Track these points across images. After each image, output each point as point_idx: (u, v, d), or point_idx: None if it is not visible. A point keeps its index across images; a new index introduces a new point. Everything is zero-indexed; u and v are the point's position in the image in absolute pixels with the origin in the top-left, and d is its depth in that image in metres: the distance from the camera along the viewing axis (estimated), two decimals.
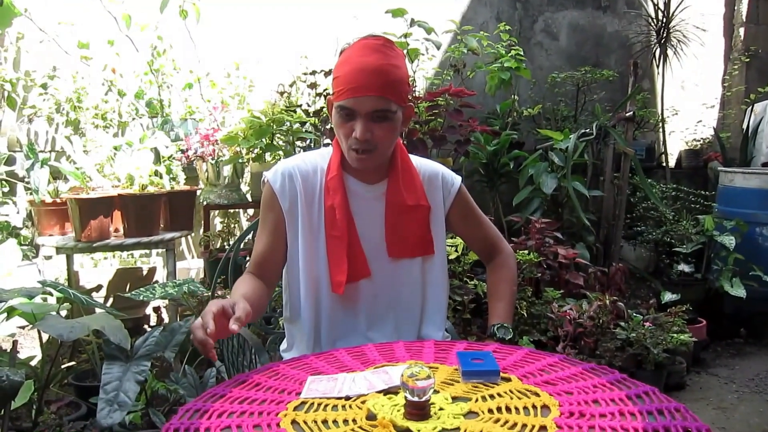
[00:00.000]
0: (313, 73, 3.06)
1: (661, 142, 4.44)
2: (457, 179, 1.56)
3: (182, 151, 2.93)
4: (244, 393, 1.07)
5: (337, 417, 0.96)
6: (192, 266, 3.49)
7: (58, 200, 2.69)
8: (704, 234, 3.51)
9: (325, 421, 0.95)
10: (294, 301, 1.49)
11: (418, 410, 0.94)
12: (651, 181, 3.78)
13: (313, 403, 1.02)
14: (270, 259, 1.45)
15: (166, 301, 3.21)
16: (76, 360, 2.81)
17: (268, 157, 2.92)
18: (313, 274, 1.45)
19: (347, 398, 1.02)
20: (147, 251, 3.53)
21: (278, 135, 2.91)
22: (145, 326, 3.30)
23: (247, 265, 1.45)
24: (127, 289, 2.98)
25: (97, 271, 3.45)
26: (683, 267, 3.48)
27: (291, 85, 3.15)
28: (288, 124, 2.83)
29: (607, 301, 2.75)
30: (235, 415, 0.97)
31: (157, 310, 3.31)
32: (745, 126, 4.44)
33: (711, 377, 3.01)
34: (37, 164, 2.60)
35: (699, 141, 4.81)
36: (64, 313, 2.59)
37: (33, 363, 2.42)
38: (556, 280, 3.02)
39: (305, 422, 0.94)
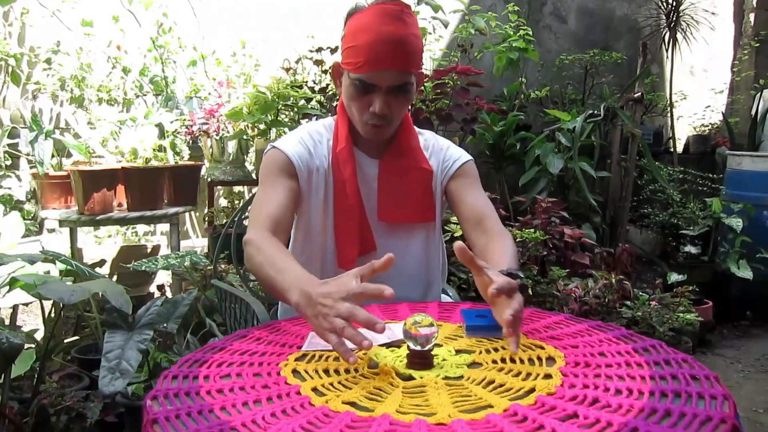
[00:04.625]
0: (319, 50, 3.04)
1: (669, 127, 4.40)
2: (466, 156, 1.48)
3: (186, 127, 2.91)
4: (244, 346, 1.06)
5: (338, 366, 0.94)
6: (197, 245, 3.48)
7: (62, 173, 2.68)
8: (711, 217, 3.48)
9: (326, 370, 0.93)
10: None
11: (421, 359, 0.92)
12: (658, 164, 3.74)
13: (314, 355, 1.00)
14: (284, 221, 1.30)
15: (170, 279, 3.21)
16: (80, 335, 2.82)
17: (273, 133, 2.90)
18: (321, 248, 1.42)
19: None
20: (151, 229, 3.52)
21: (283, 111, 2.89)
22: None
23: (252, 221, 1.29)
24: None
25: (101, 248, 3.45)
26: (690, 249, 3.45)
27: (297, 62, 3.12)
28: (293, 99, 2.80)
29: (613, 280, 2.73)
30: (235, 365, 0.96)
31: (161, 288, 3.31)
32: (753, 111, 4.39)
33: (717, 357, 2.99)
34: (41, 136, 2.59)
35: (707, 126, 4.77)
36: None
37: (36, 336, 2.42)
38: (561, 259, 2.99)
39: (306, 371, 0.93)
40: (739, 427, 0.71)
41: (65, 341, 2.67)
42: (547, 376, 0.87)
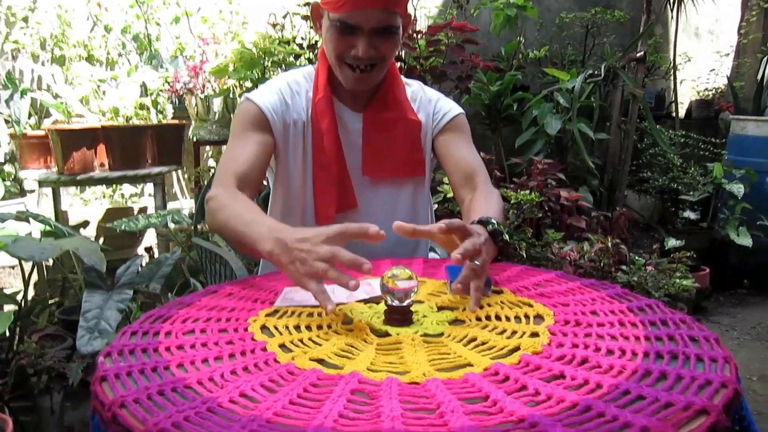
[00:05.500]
0: (307, 4, 2.91)
1: (672, 91, 4.29)
2: (457, 109, 1.39)
3: (169, 84, 2.81)
4: (213, 302, 0.99)
5: (310, 322, 0.88)
6: (185, 206, 3.41)
7: (40, 133, 2.59)
8: (712, 182, 3.40)
9: (297, 326, 0.87)
10: None
11: (399, 315, 0.86)
12: (660, 127, 3.65)
13: (287, 311, 0.94)
14: (252, 177, 1.21)
15: (156, 241, 3.14)
16: (65, 296, 2.76)
17: None
18: (299, 204, 1.34)
19: None
20: (138, 191, 3.44)
21: (271, 69, 2.78)
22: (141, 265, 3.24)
23: (218, 177, 1.20)
24: (118, 229, 2.91)
25: (87, 210, 3.37)
26: (689, 214, 3.38)
27: (284, 17, 3.00)
28: (281, 56, 2.70)
29: (609, 244, 2.66)
30: (200, 321, 0.89)
31: (149, 249, 3.24)
32: (759, 75, 4.26)
33: (712, 325, 2.94)
34: (16, 94, 2.49)
35: (711, 91, 4.65)
36: None
37: (19, 298, 2.36)
38: (557, 222, 2.92)
39: (276, 327, 0.87)
40: (741, 392, 0.64)
41: (50, 302, 2.62)
42: (534, 335, 0.81)
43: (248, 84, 2.73)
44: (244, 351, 0.78)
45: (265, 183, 1.49)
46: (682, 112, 4.59)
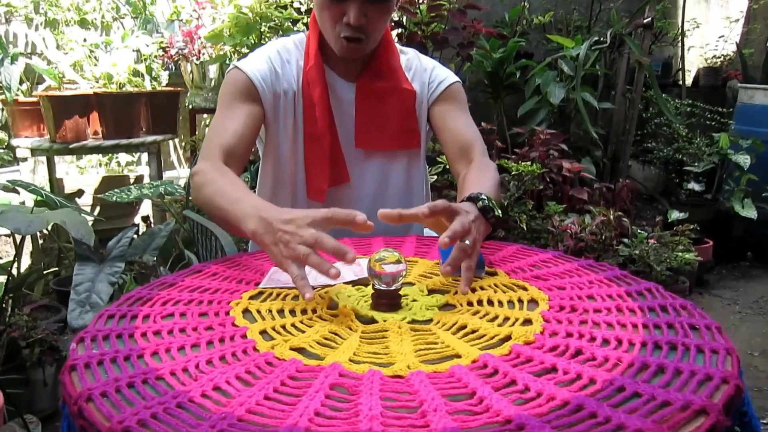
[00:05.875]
0: None
1: (679, 58, 4.19)
2: (453, 77, 1.33)
3: (164, 50, 2.73)
4: (197, 282, 0.95)
5: (295, 307, 0.84)
6: (181, 175, 3.37)
7: (33, 99, 2.54)
8: (718, 153, 3.33)
9: (281, 311, 0.83)
10: None
11: (387, 300, 0.82)
12: (665, 96, 3.56)
13: (271, 293, 0.90)
14: (239, 151, 1.16)
15: (152, 211, 3.11)
16: (61, 267, 2.74)
17: None
18: (290, 178, 1.29)
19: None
20: (135, 159, 3.40)
21: (267, 34, 2.71)
22: (134, 236, 3.22)
23: (204, 151, 1.16)
24: (114, 198, 2.87)
25: (83, 178, 3.34)
26: (693, 186, 3.32)
27: None
28: (277, 21, 2.62)
29: (611, 217, 2.62)
30: (181, 303, 0.86)
31: (146, 219, 3.21)
32: None
33: (714, 298, 2.91)
34: (6, 60, 2.43)
35: (719, 58, 4.54)
36: None
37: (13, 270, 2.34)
38: (559, 194, 2.88)
39: (258, 311, 0.83)
40: (743, 388, 0.61)
41: (46, 272, 2.60)
42: (527, 322, 0.77)
43: (245, 50, 2.66)
44: (223, 338, 0.74)
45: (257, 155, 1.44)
46: (689, 80, 4.49)
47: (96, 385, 0.61)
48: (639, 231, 2.74)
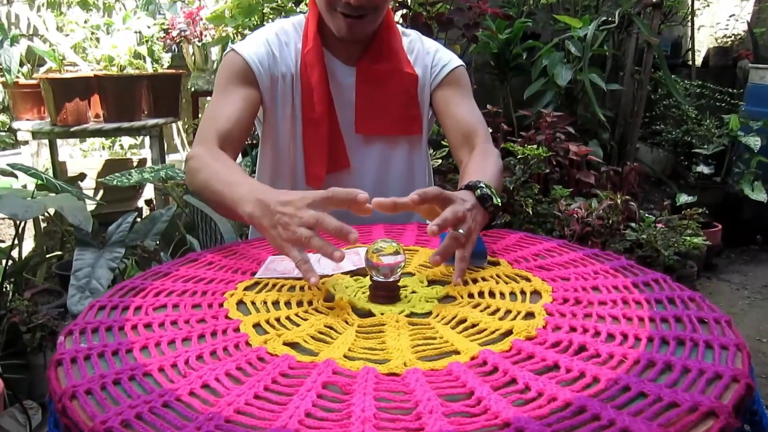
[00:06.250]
0: None
1: (689, 38, 4.11)
2: (456, 61, 1.29)
3: (165, 32, 2.69)
4: (192, 271, 0.93)
5: (291, 298, 0.82)
6: (185, 159, 3.34)
7: (33, 82, 2.51)
8: (728, 135, 3.28)
9: (276, 303, 0.81)
10: None
11: (385, 292, 0.80)
12: (675, 77, 3.50)
13: (267, 284, 0.88)
14: (235, 135, 1.13)
15: (154, 194, 3.09)
16: (64, 250, 2.73)
17: None
18: (289, 163, 1.26)
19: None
20: (137, 142, 3.38)
21: (270, 15, 2.66)
22: (137, 220, 3.20)
23: (199, 135, 1.13)
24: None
25: (86, 162, 3.32)
26: (702, 169, 3.27)
27: None
28: (280, 1, 2.57)
29: (618, 201, 2.58)
30: (174, 294, 0.84)
31: (149, 202, 3.20)
32: None
33: (722, 283, 2.88)
34: (6, 42, 2.40)
35: (730, 37, 4.45)
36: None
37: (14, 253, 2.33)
38: (565, 178, 2.84)
39: (253, 303, 0.81)
40: (754, 387, 0.58)
41: (50, 255, 2.59)
42: (529, 315, 0.75)
43: (247, 32, 2.62)
44: (216, 331, 0.72)
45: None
46: (699, 60, 4.41)
47: (81, 382, 0.59)
48: (646, 215, 2.71)
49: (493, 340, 0.68)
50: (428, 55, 1.29)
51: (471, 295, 0.82)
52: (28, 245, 2.81)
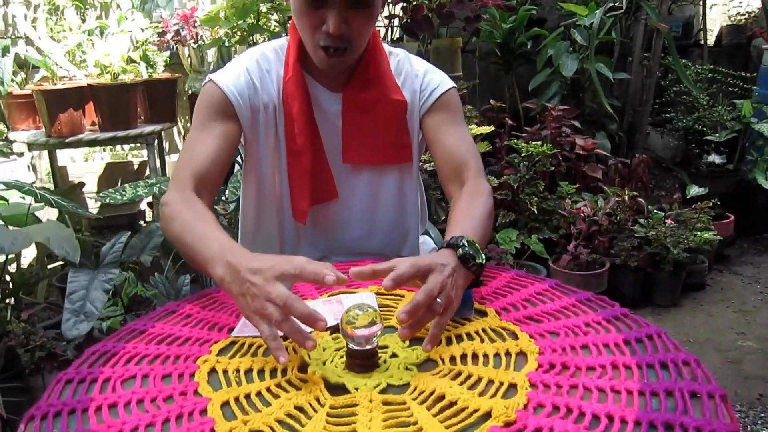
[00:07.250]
0: None
1: (701, 17, 3.98)
2: (447, 83, 1.22)
3: (159, 35, 2.65)
4: (167, 328, 0.90)
5: (265, 365, 0.79)
6: (161, 202, 3.31)
7: (27, 92, 2.48)
8: (740, 121, 3.19)
9: (248, 371, 0.78)
10: (252, 235, 1.26)
11: (361, 360, 0.76)
12: (685, 61, 3.39)
13: (243, 344, 0.85)
14: (211, 176, 1.08)
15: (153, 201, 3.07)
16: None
17: (255, 39, 2.63)
18: (274, 196, 1.22)
19: (285, 338, 0.84)
20: (138, 144, 3.35)
21: (266, 15, 2.60)
22: (141, 222, 3.19)
23: (174, 178, 1.08)
24: (118, 184, 2.83)
25: (87, 165, 3.30)
26: (714, 157, 3.19)
27: None
28: (276, 1, 2.51)
29: (626, 197, 2.52)
30: (146, 361, 0.81)
31: (152, 205, 3.18)
32: None
33: (734, 276, 2.81)
34: None
35: (743, 15, 4.31)
36: (42, 213, 2.47)
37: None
38: (572, 173, 2.78)
39: (225, 372, 0.78)
40: None
41: (49, 267, 2.59)
42: (512, 388, 0.71)
43: (242, 33, 2.56)
44: (181, 415, 0.69)
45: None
46: (711, 40, 4.28)
47: None
48: (655, 211, 2.64)
49: (470, 425, 0.64)
50: (417, 78, 1.23)
51: (453, 359, 0.78)
52: (31, 252, 2.81)
